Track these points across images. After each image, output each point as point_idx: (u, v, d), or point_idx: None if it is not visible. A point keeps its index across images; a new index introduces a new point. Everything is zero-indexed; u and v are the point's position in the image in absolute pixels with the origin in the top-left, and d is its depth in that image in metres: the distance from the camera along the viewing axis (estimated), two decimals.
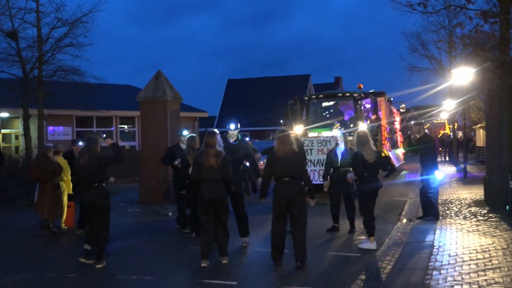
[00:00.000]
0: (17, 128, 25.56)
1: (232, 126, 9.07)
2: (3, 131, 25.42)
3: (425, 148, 10.87)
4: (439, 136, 42.80)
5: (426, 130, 11.77)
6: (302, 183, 7.45)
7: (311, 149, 14.36)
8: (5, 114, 25.28)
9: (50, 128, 26.65)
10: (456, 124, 37.67)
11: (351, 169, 9.25)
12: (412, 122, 11.03)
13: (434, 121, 45.67)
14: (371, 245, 8.52)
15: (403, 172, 22.23)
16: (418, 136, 11.13)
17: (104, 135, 10.25)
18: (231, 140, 9.02)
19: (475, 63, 12.18)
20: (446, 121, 42.60)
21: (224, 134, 8.82)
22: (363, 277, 6.89)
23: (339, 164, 9.83)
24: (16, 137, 26.29)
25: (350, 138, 11.48)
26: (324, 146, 14.38)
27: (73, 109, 26.42)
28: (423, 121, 11.43)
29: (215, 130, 7.87)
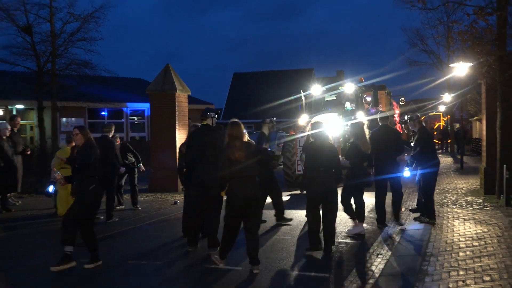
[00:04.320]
0: (32, 119, 25.68)
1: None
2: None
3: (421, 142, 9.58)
4: (435, 127, 42.78)
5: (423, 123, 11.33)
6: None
7: None
8: (20, 106, 25.37)
9: (63, 119, 26.77)
10: (449, 116, 37.58)
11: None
12: (406, 117, 10.55)
13: (430, 114, 45.58)
14: (361, 229, 8.60)
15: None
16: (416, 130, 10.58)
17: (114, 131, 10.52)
18: None
19: (472, 58, 12.12)
20: (441, 114, 42.50)
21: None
22: (364, 262, 6.90)
23: None
24: (31, 128, 26.42)
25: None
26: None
27: (85, 101, 26.57)
28: (419, 114, 10.82)
29: (237, 120, 6.87)
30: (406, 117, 10.71)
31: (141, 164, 11.89)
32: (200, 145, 7.63)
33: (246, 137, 6.75)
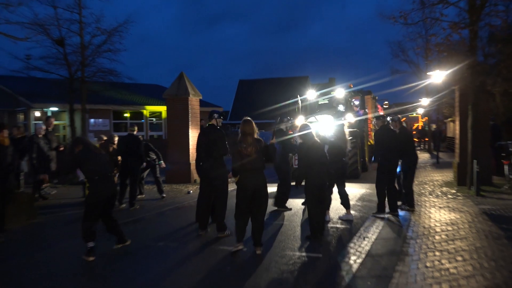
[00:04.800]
0: (64, 120, 25.74)
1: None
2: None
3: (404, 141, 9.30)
4: (414, 127, 42.63)
5: (404, 124, 11.16)
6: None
7: None
8: (54, 108, 25.50)
9: (91, 120, 26.84)
10: (426, 118, 37.49)
11: None
12: (389, 118, 10.34)
13: (409, 115, 45.42)
14: (349, 216, 8.61)
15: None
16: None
17: (136, 128, 10.62)
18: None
19: (447, 67, 12.10)
20: (419, 116, 42.38)
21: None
22: (352, 244, 6.91)
23: None
24: (64, 127, 26.49)
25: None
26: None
27: (110, 105, 26.66)
28: (400, 116, 10.52)
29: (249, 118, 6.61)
30: (389, 118, 10.58)
31: (162, 161, 11.90)
32: (206, 142, 7.66)
33: (257, 134, 6.55)
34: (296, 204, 10.18)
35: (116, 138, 10.92)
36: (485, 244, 6.44)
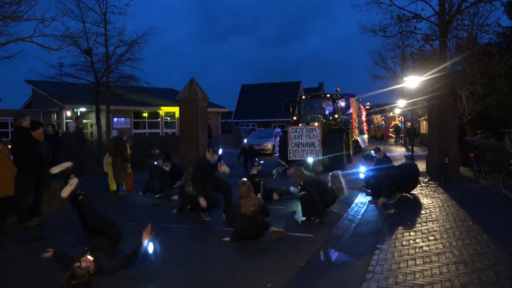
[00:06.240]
0: (91, 119, 25.68)
1: (220, 151, 7.87)
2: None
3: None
4: (391, 125, 42.53)
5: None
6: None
7: (301, 135, 14.30)
8: (83, 109, 25.44)
9: (115, 119, 26.78)
10: (402, 117, 37.46)
11: None
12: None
13: (388, 115, 45.36)
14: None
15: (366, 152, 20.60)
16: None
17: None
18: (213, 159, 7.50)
19: (420, 73, 12.04)
20: (396, 115, 42.32)
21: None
22: (339, 225, 6.87)
23: None
24: (91, 125, 26.43)
25: None
26: (311, 133, 14.30)
27: (131, 106, 26.58)
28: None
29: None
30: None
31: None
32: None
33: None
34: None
35: (125, 138, 11.02)
36: (453, 225, 6.40)
